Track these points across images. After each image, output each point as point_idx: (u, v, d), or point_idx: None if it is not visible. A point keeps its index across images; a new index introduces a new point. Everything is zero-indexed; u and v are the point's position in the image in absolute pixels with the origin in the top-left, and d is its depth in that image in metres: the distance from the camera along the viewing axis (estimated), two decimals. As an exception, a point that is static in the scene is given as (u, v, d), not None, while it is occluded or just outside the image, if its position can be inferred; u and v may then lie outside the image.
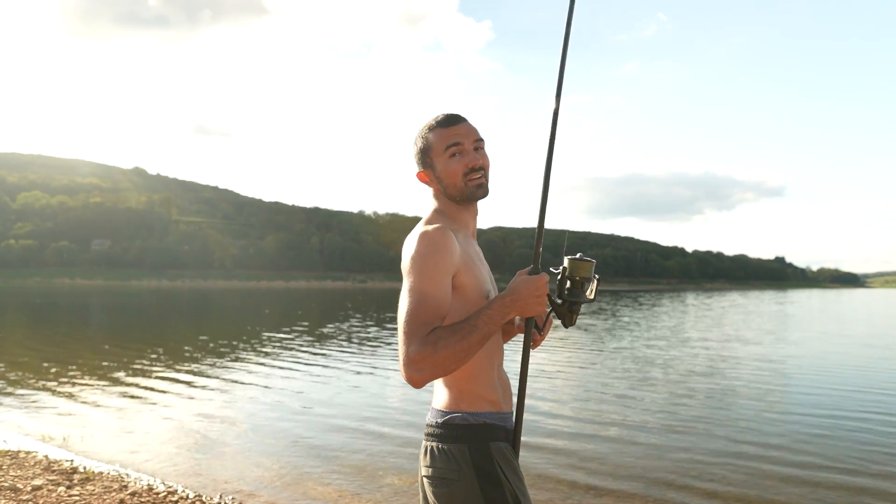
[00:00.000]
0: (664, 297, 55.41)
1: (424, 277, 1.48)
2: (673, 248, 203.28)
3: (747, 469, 5.32)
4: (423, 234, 1.54)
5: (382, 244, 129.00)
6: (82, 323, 23.46)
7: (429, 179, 1.67)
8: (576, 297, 1.59)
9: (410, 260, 1.52)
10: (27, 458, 5.24)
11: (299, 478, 5.01)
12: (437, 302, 1.48)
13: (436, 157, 1.63)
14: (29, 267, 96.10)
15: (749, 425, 6.90)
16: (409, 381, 1.42)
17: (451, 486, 1.52)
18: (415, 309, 1.45)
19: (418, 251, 1.51)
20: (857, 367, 11.67)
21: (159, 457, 5.53)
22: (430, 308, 1.46)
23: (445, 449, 1.54)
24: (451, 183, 1.62)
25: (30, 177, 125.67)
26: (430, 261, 1.50)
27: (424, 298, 1.47)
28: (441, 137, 1.63)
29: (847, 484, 4.97)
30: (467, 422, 1.55)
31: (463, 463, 1.52)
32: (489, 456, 1.53)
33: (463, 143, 1.62)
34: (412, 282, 1.49)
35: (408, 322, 1.44)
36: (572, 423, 6.96)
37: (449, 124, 1.64)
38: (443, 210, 1.66)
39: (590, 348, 14.31)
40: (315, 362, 11.74)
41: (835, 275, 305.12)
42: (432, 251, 1.51)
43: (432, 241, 1.51)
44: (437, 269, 1.50)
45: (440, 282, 1.50)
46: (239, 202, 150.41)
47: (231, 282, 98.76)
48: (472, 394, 1.57)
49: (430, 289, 1.48)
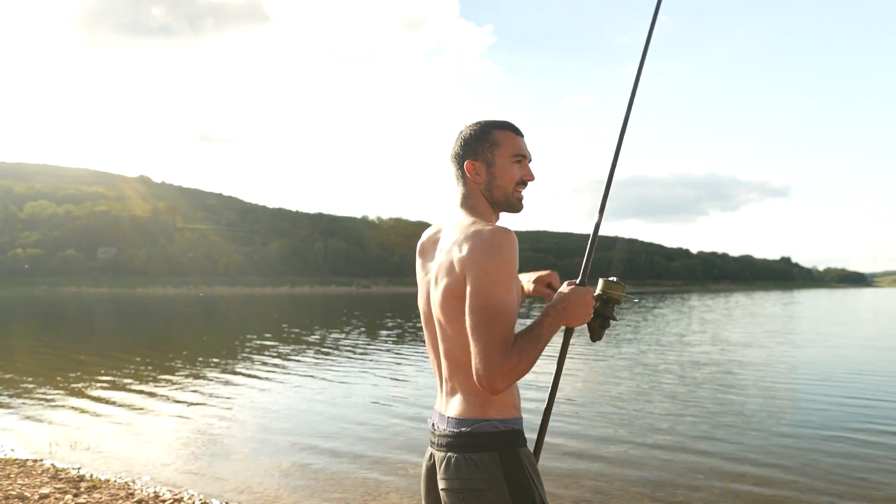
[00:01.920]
0: (669, 299, 55.22)
1: (502, 285, 1.46)
2: (678, 249, 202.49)
3: (754, 472, 5.29)
4: (496, 233, 1.48)
5: (386, 249, 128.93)
6: (89, 331, 23.53)
7: (476, 172, 1.62)
8: (608, 314, 1.67)
9: (484, 262, 1.46)
10: (35, 467, 5.26)
11: (306, 484, 5.00)
12: (513, 310, 1.48)
13: (500, 156, 1.62)
14: (36, 276, 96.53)
15: (758, 427, 6.86)
16: (492, 390, 1.42)
17: (482, 496, 1.49)
18: (497, 318, 1.44)
19: (489, 253, 1.46)
20: (865, 372, 11.59)
21: (166, 464, 5.53)
22: (510, 317, 1.46)
23: (474, 458, 1.50)
24: (502, 185, 1.62)
25: (36, 186, 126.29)
26: (505, 266, 1.46)
27: (504, 307, 1.45)
28: (512, 141, 1.64)
29: (850, 489, 4.94)
30: (497, 429, 1.52)
31: (495, 471, 1.49)
32: (520, 463, 1.52)
33: (527, 156, 1.66)
34: (490, 290, 1.45)
35: (492, 332, 1.43)
36: (580, 425, 6.93)
37: (519, 133, 1.67)
38: (476, 208, 1.63)
39: (596, 351, 14.27)
40: (320, 369, 11.74)
41: (842, 274, 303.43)
42: (507, 256, 1.47)
43: (509, 243, 1.47)
44: (510, 276, 1.48)
45: (513, 288, 1.49)
46: (243, 209, 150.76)
47: (236, 288, 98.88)
48: (500, 401, 1.54)
49: (508, 296, 1.47)
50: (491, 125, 1.66)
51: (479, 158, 1.63)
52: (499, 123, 1.67)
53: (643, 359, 12.83)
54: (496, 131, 1.64)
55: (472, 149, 1.63)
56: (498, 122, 1.67)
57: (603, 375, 10.73)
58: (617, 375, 10.65)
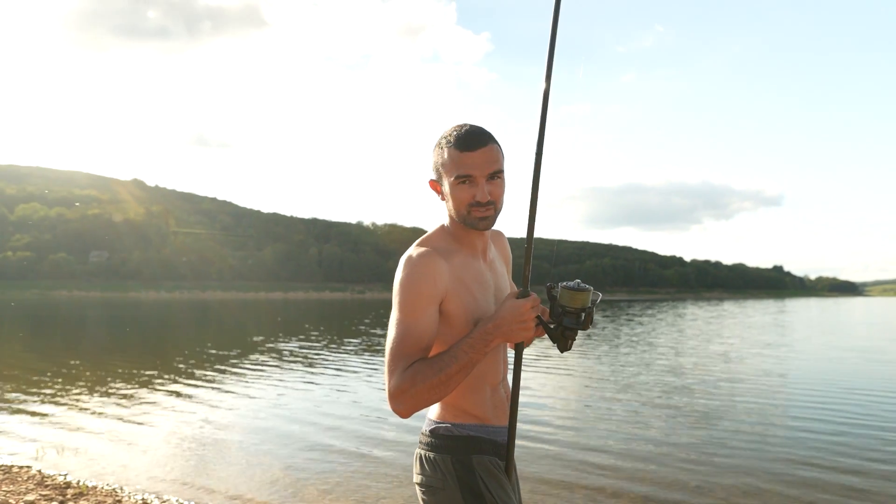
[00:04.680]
0: (663, 307, 55.34)
1: (407, 308, 1.46)
2: (671, 257, 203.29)
3: (743, 482, 5.27)
4: (407, 260, 1.50)
5: (381, 255, 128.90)
6: (78, 335, 23.35)
7: (439, 192, 1.59)
8: (570, 323, 1.45)
9: (396, 287, 1.50)
10: (20, 473, 5.18)
11: (296, 492, 4.95)
12: (419, 333, 1.45)
13: (445, 176, 1.53)
14: (27, 279, 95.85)
15: (747, 435, 6.85)
16: (395, 411, 1.44)
17: (436, 494, 1.55)
18: (397, 342, 1.45)
19: (402, 280, 1.48)
20: (857, 380, 11.61)
21: (154, 471, 5.47)
22: (411, 340, 1.44)
23: (432, 458, 1.57)
24: (455, 207, 1.54)
25: (28, 188, 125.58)
26: (412, 290, 1.47)
27: (406, 330, 1.45)
28: (453, 163, 1.50)
29: (844, 491, 4.93)
30: (451, 433, 1.57)
31: (447, 473, 1.54)
32: (471, 468, 1.54)
33: (474, 174, 1.49)
34: (396, 312, 1.48)
35: (390, 355, 1.45)
36: (568, 432, 6.91)
37: (467, 149, 1.49)
38: (448, 226, 1.61)
39: (587, 358, 14.25)
40: (312, 375, 11.67)
41: (833, 283, 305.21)
42: (415, 280, 1.47)
43: (415, 268, 1.48)
44: (419, 299, 1.46)
45: (423, 312, 1.46)
46: (237, 213, 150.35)
47: (229, 293, 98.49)
48: (456, 407, 1.58)
49: (412, 320, 1.46)
50: (441, 141, 1.54)
51: (437, 177, 1.57)
52: (450, 139, 1.51)
53: (629, 369, 12.82)
54: (447, 149, 1.52)
55: (432, 168, 1.58)
56: (450, 137, 1.52)
57: (586, 385, 10.70)
58: (610, 384, 10.63)
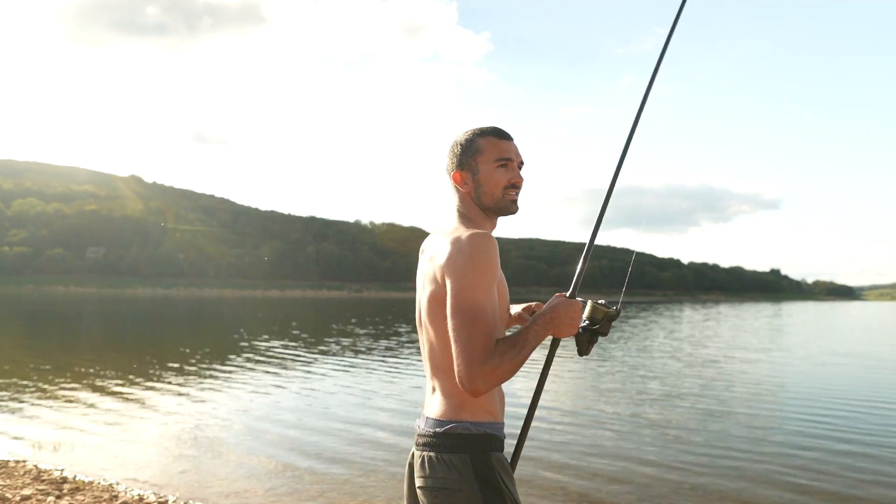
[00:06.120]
0: (660, 309, 55.43)
1: (481, 287, 1.47)
2: (669, 259, 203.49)
3: (740, 486, 5.29)
4: (474, 238, 1.51)
5: (378, 254, 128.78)
6: (75, 331, 23.32)
7: (463, 182, 1.66)
8: (597, 331, 1.68)
9: (462, 266, 1.48)
10: (17, 468, 5.19)
11: (292, 487, 4.97)
12: (494, 312, 1.49)
13: (482, 162, 1.64)
14: (23, 274, 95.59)
15: (745, 439, 6.88)
16: (473, 391, 1.44)
17: (452, 495, 1.52)
18: (478, 321, 1.45)
19: (472, 258, 1.48)
20: (852, 385, 11.66)
21: (150, 467, 5.48)
22: (490, 320, 1.47)
23: (446, 458, 1.53)
24: (489, 192, 1.64)
25: (25, 184, 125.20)
26: (483, 269, 1.48)
27: (484, 310, 1.46)
28: (493, 147, 1.65)
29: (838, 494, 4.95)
30: (469, 431, 1.55)
31: (465, 472, 1.52)
32: (490, 465, 1.53)
33: (513, 159, 1.66)
34: (469, 292, 1.46)
35: (472, 334, 1.44)
36: (561, 435, 6.93)
37: (503, 137, 1.67)
38: (469, 216, 1.66)
39: (580, 361, 14.29)
40: (307, 371, 11.68)
41: (830, 287, 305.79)
42: (487, 259, 1.49)
43: (486, 247, 1.50)
44: (489, 279, 1.49)
45: (493, 291, 1.50)
46: (235, 211, 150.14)
47: (226, 290, 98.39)
48: (473, 404, 1.56)
49: (488, 299, 1.48)
50: (474, 133, 1.68)
51: (464, 168, 1.66)
52: (482, 130, 1.68)
53: (630, 371, 12.85)
54: (479, 139, 1.66)
55: (457, 159, 1.67)
56: (482, 129, 1.68)
57: (590, 387, 10.73)
58: (605, 387, 10.66)
